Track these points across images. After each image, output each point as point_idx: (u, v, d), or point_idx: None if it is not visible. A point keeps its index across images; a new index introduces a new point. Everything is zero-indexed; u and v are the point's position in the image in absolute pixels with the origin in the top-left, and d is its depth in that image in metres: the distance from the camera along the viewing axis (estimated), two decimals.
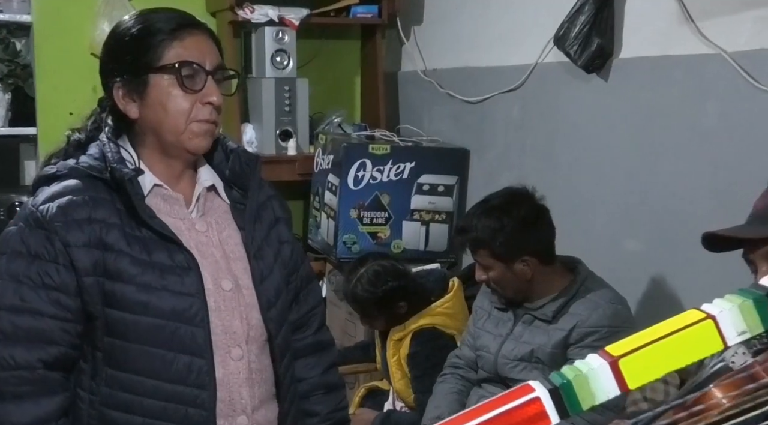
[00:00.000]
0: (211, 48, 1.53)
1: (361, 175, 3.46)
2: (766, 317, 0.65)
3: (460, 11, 3.65)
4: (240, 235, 1.60)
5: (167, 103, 1.49)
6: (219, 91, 1.52)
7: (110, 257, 1.47)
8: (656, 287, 2.66)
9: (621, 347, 0.70)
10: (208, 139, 1.54)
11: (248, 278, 1.58)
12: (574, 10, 2.83)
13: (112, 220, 1.49)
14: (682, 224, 2.56)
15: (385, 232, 3.51)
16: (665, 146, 2.63)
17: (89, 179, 1.50)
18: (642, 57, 2.71)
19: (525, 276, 2.41)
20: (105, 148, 1.52)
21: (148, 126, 1.53)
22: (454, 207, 3.56)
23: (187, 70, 1.49)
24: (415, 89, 3.96)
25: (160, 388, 1.51)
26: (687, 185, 2.56)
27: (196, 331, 1.51)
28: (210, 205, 1.60)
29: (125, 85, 1.51)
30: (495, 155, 3.44)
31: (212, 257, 1.55)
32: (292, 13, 3.76)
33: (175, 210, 1.56)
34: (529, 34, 3.19)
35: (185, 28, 1.51)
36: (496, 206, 2.45)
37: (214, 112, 1.52)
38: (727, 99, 2.42)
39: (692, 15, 2.50)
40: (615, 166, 2.84)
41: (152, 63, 1.49)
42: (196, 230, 1.56)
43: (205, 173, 1.61)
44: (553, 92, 3.11)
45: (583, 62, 2.83)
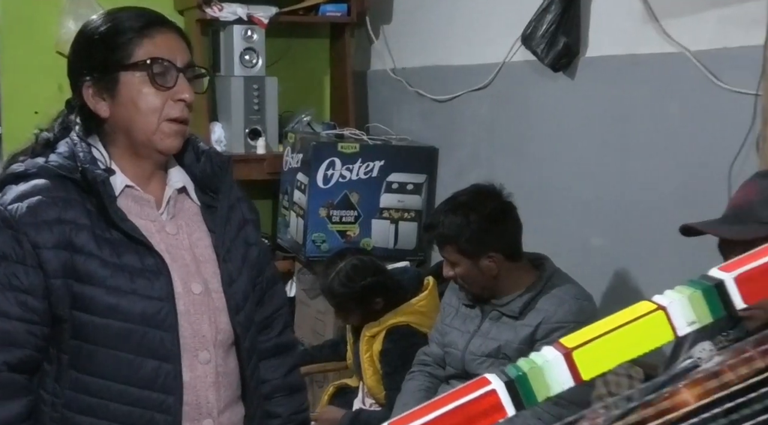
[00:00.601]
0: (181, 46, 1.52)
1: (330, 173, 3.46)
2: (714, 307, 0.66)
3: (428, 10, 3.66)
4: (210, 238, 1.59)
5: (138, 100, 1.48)
6: (191, 89, 1.51)
7: (79, 259, 1.46)
8: (621, 282, 2.69)
9: (575, 339, 0.70)
10: (179, 139, 1.53)
11: (217, 282, 1.57)
12: (541, 9, 2.85)
13: (81, 221, 1.47)
14: (646, 220, 2.59)
15: (354, 230, 3.51)
16: (630, 143, 2.66)
17: (59, 178, 1.48)
18: (608, 56, 2.74)
19: (491, 272, 2.43)
20: (76, 147, 1.50)
21: (120, 125, 1.51)
22: (423, 205, 3.57)
23: (159, 67, 1.48)
24: (384, 88, 3.97)
25: (127, 392, 1.49)
26: (651, 181, 2.58)
27: (164, 336, 1.50)
28: (180, 206, 1.59)
29: (95, 84, 1.50)
30: (464, 154, 3.45)
31: (182, 261, 1.54)
32: (261, 12, 3.74)
33: (145, 212, 1.54)
34: (497, 33, 3.21)
35: (154, 25, 1.51)
36: (463, 202, 2.47)
37: (185, 109, 1.51)
38: (690, 97, 2.44)
39: (657, 14, 2.52)
40: (582, 163, 2.86)
41: (123, 61, 1.48)
42: (167, 233, 1.55)
43: (175, 175, 1.59)
44: (520, 91, 3.12)
45: (550, 61, 2.85)
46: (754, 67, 2.13)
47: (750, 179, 1.60)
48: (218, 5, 3.70)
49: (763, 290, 0.64)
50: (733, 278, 0.65)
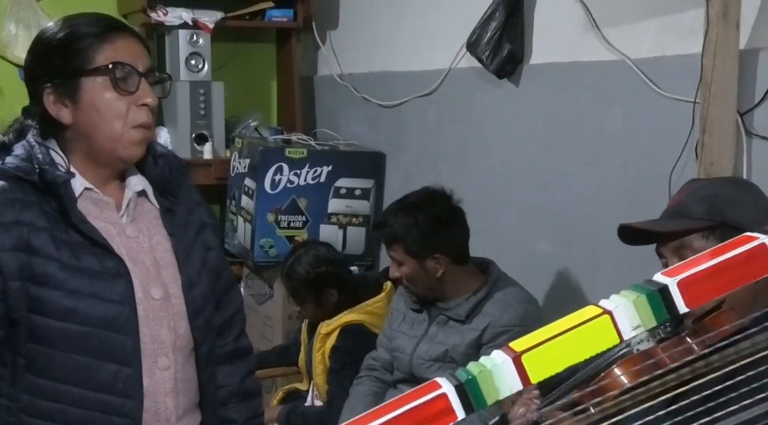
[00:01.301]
0: (142, 51, 1.51)
1: (278, 179, 3.45)
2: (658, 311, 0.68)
3: (374, 16, 3.67)
4: (170, 241, 1.57)
5: (101, 106, 1.46)
6: (153, 93, 1.50)
7: (37, 262, 1.43)
8: (565, 286, 2.72)
9: (523, 343, 0.72)
10: (143, 147, 1.52)
11: (177, 286, 1.56)
12: (485, 17, 2.86)
13: (39, 223, 1.44)
14: (589, 225, 2.62)
15: (302, 235, 3.51)
16: (573, 149, 2.69)
17: (15, 180, 1.46)
18: (551, 63, 2.77)
19: (436, 274, 2.45)
20: (33, 150, 1.48)
21: (82, 131, 1.49)
22: (371, 210, 3.58)
23: (121, 72, 1.46)
24: (331, 93, 3.97)
25: (86, 397, 1.47)
26: (593, 187, 2.62)
27: (124, 340, 1.48)
28: (140, 209, 1.57)
29: (56, 90, 1.48)
30: (410, 159, 3.46)
31: (143, 264, 1.53)
32: (207, 16, 3.72)
33: (105, 214, 1.52)
34: (442, 40, 3.23)
35: (113, 30, 1.49)
36: (413, 203, 2.51)
37: (149, 114, 1.50)
38: (630, 104, 2.48)
39: (598, 23, 2.56)
40: (525, 169, 2.89)
41: (83, 66, 1.46)
42: (127, 236, 1.53)
43: (134, 178, 1.57)
44: (466, 97, 3.15)
45: (494, 68, 2.86)
46: (692, 76, 2.18)
47: (683, 186, 1.66)
48: (163, 9, 3.67)
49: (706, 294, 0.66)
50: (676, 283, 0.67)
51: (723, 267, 0.66)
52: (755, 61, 2.11)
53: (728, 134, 2.11)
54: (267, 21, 3.91)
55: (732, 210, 1.51)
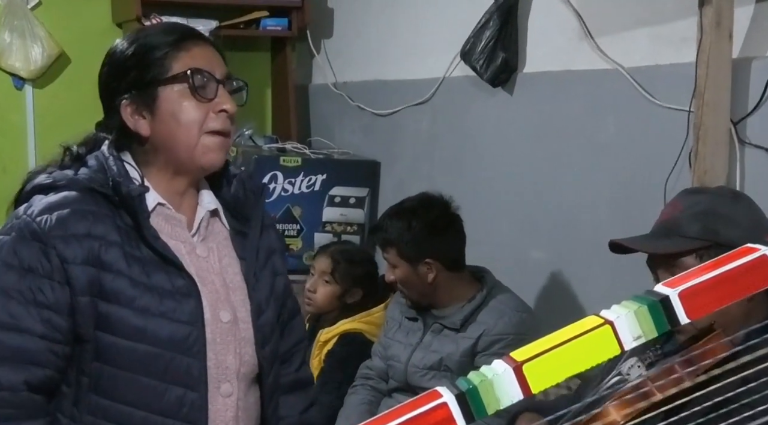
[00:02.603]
0: (217, 58, 1.48)
1: (273, 187, 3.46)
2: (659, 322, 0.68)
3: (369, 25, 3.67)
4: (239, 264, 1.53)
5: (180, 114, 1.43)
6: (232, 100, 1.47)
7: (107, 277, 1.39)
8: (559, 294, 2.72)
9: (524, 352, 0.71)
10: (222, 153, 1.47)
11: (246, 311, 1.51)
12: (479, 25, 2.87)
13: (111, 237, 1.41)
14: (582, 233, 2.62)
15: (297, 244, 3.51)
16: (567, 157, 2.69)
17: (89, 191, 1.42)
18: (544, 72, 2.77)
19: (427, 279, 2.46)
20: (108, 161, 1.44)
21: (160, 142, 1.45)
22: (366, 219, 3.58)
23: (199, 79, 1.43)
24: (325, 102, 3.96)
25: (149, 420, 1.43)
26: (587, 195, 2.62)
27: (192, 363, 1.43)
28: (211, 229, 1.53)
29: (133, 101, 1.45)
30: (405, 167, 3.46)
31: (212, 285, 1.48)
32: (201, 25, 3.70)
33: (177, 232, 1.48)
34: (437, 48, 3.23)
35: (189, 38, 1.46)
36: (409, 208, 2.52)
37: (227, 121, 1.46)
38: (624, 113, 2.49)
39: (591, 32, 2.56)
40: (519, 177, 2.89)
41: (160, 75, 1.43)
42: (197, 255, 1.49)
43: (207, 197, 1.53)
44: (460, 105, 3.15)
45: (488, 76, 2.87)
46: (686, 84, 2.18)
47: (676, 196, 1.64)
48: (157, 18, 3.66)
49: (706, 305, 0.66)
50: (677, 293, 0.67)
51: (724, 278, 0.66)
52: (748, 70, 2.12)
53: (722, 142, 2.11)
54: (262, 30, 3.92)
55: (726, 230, 1.50)
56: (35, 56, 3.75)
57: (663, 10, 2.34)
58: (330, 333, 2.87)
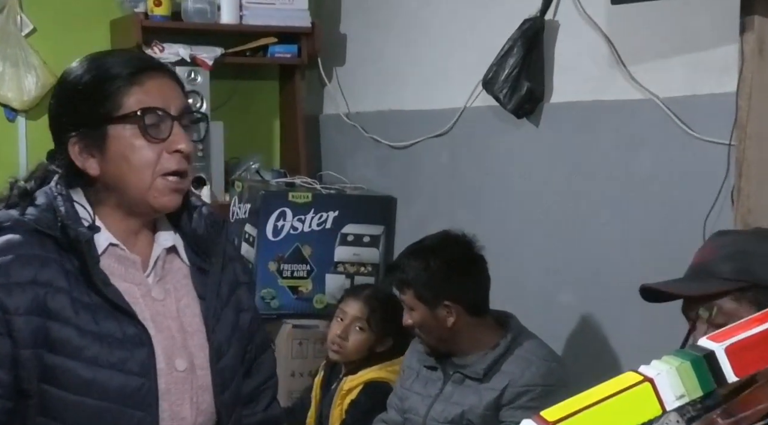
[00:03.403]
0: (175, 90, 1.48)
1: (281, 225, 3.45)
2: (704, 380, 0.67)
3: (384, 52, 3.68)
4: (199, 304, 1.53)
5: (131, 155, 1.43)
6: (188, 138, 1.47)
7: (54, 327, 1.39)
8: (589, 342, 2.70)
9: (556, 412, 0.70)
10: (176, 195, 1.47)
11: (204, 356, 1.51)
12: (502, 53, 2.87)
13: (58, 283, 1.40)
14: (616, 276, 2.60)
15: (306, 286, 3.50)
16: (598, 194, 2.69)
17: (35, 234, 1.42)
18: (573, 102, 2.77)
19: (446, 323, 2.44)
20: (57, 201, 1.44)
21: (110, 183, 1.46)
22: (381, 259, 3.56)
23: (151, 118, 1.43)
24: (337, 133, 3.97)
25: None
26: (620, 235, 2.60)
27: (143, 417, 1.44)
28: (169, 267, 1.53)
29: (82, 140, 1.45)
30: (423, 204, 3.46)
31: (167, 331, 1.48)
32: (205, 53, 3.73)
33: (130, 274, 1.48)
34: (457, 77, 3.23)
35: (144, 71, 1.46)
36: (428, 246, 2.52)
37: (183, 161, 1.46)
38: (659, 146, 2.48)
39: (624, 59, 2.56)
40: (546, 215, 2.88)
41: (111, 113, 1.43)
42: (152, 298, 1.49)
43: (164, 233, 1.54)
44: (482, 138, 3.15)
45: (512, 107, 2.86)
46: (726, 116, 2.18)
47: (708, 239, 1.65)
48: (159, 46, 3.69)
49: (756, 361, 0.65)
50: (723, 348, 0.66)
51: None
52: None
53: (767, 178, 2.10)
54: (269, 57, 3.92)
55: (761, 268, 1.50)
56: (29, 86, 3.76)
57: (701, 36, 2.34)
58: (355, 381, 2.86)
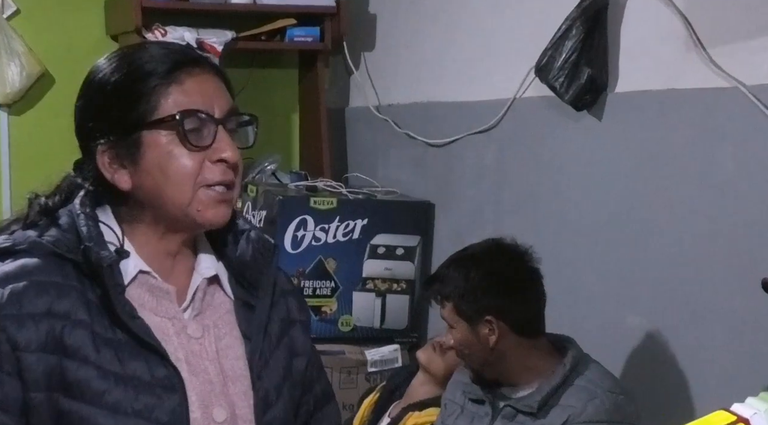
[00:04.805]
0: (219, 89, 1.47)
1: (301, 235, 3.47)
2: None
3: (421, 35, 3.69)
4: (243, 346, 1.51)
5: (168, 166, 1.42)
6: (234, 144, 1.45)
7: (71, 366, 1.38)
8: (664, 373, 2.68)
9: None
10: (224, 208, 1.46)
11: (248, 407, 1.49)
12: (558, 35, 2.87)
13: (78, 315, 1.40)
14: (692, 293, 2.59)
15: (331, 305, 3.52)
16: (672, 197, 2.67)
17: (55, 258, 1.42)
18: (642, 91, 2.75)
19: (489, 343, 2.44)
20: (78, 220, 1.44)
21: (145, 198, 1.45)
22: (417, 274, 3.58)
23: (192, 123, 1.42)
24: (366, 129, 3.99)
25: None
26: (699, 244, 2.58)
27: None
28: (209, 301, 1.52)
29: (112, 148, 1.44)
30: (465, 210, 3.46)
31: (205, 375, 1.47)
32: (214, 37, 3.77)
33: (163, 306, 1.47)
34: (505, 64, 3.23)
35: (184, 66, 1.44)
36: (471, 255, 2.54)
37: (229, 171, 1.45)
38: (746, 141, 2.46)
39: (703, 41, 2.54)
40: (611, 222, 2.86)
41: (145, 117, 1.42)
42: (188, 336, 1.48)
43: (206, 260, 1.52)
44: (535, 133, 3.14)
45: (570, 97, 2.87)
46: None
47: None
48: (160, 29, 3.72)
49: None
50: None
51: None
52: None
53: None
54: (288, 42, 3.95)
55: None
56: (12, 77, 3.81)
57: None
58: (421, 419, 2.84)
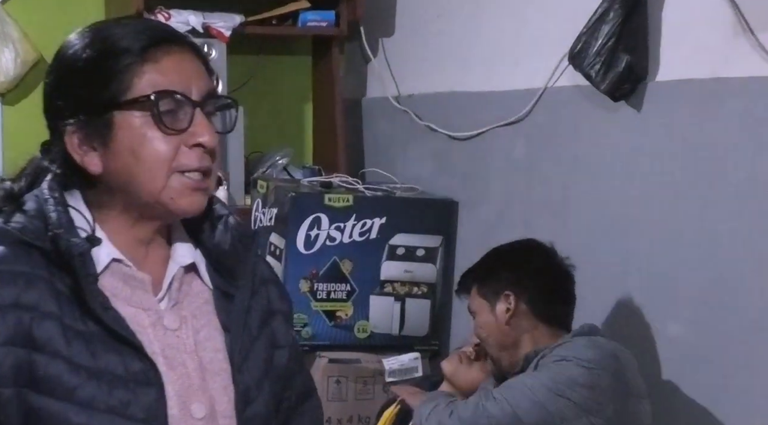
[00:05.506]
0: (198, 69, 1.48)
1: (315, 234, 3.46)
2: None
3: (444, 19, 3.68)
4: (223, 337, 1.52)
5: (140, 149, 1.43)
6: (212, 128, 1.46)
7: (40, 360, 1.38)
8: (708, 387, 2.67)
9: None
10: (200, 196, 1.46)
11: (228, 402, 1.50)
12: (594, 18, 2.86)
13: (47, 307, 1.40)
14: (743, 302, 2.58)
15: (346, 310, 3.51)
16: (719, 196, 2.66)
17: (21, 246, 1.42)
18: (685, 80, 2.75)
19: (504, 318, 2.57)
20: (47, 205, 1.44)
21: (115, 183, 1.45)
22: (439, 277, 3.58)
23: (167, 103, 1.43)
24: (384, 121, 3.99)
25: None
26: (751, 248, 2.57)
27: None
28: (187, 290, 1.52)
29: (82, 129, 1.44)
30: (491, 209, 3.45)
31: (182, 369, 1.47)
32: (222, 21, 3.76)
33: (137, 296, 1.48)
34: (535, 50, 3.23)
35: (160, 44, 1.44)
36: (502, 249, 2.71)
37: (205, 157, 1.45)
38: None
39: (752, 26, 2.53)
40: (651, 222, 2.85)
41: (118, 96, 1.43)
42: (164, 327, 1.48)
43: (182, 247, 1.53)
44: (567, 126, 3.14)
45: (607, 86, 2.87)
46: None
47: None
48: (164, 13, 3.73)
49: None
50: None
51: None
52: None
53: None
54: (300, 27, 3.94)
55: None
56: (5, 63, 3.80)
57: None
58: None
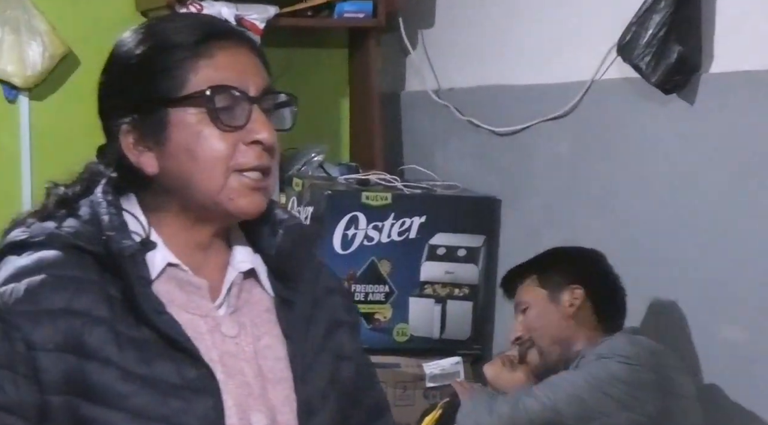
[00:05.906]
0: (255, 65, 1.48)
1: (352, 234, 3.47)
2: None
3: (486, 10, 3.67)
4: (284, 346, 1.52)
5: (196, 148, 1.43)
6: (270, 125, 1.45)
7: (91, 368, 1.39)
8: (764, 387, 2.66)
9: None
10: (259, 196, 1.46)
11: (290, 412, 1.49)
12: (645, 8, 2.87)
13: (99, 312, 1.40)
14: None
15: (384, 313, 3.52)
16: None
17: (74, 251, 1.43)
18: (741, 72, 2.75)
19: (568, 311, 2.65)
20: (99, 208, 1.45)
21: (171, 183, 1.47)
22: (481, 278, 3.58)
23: (223, 99, 1.43)
24: (424, 116, 3.98)
25: None
26: None
27: None
28: (246, 298, 1.52)
29: (137, 128, 1.46)
30: (536, 207, 3.46)
31: (241, 377, 1.47)
32: (255, 13, 3.75)
33: (194, 302, 1.48)
34: (582, 41, 3.23)
35: (215, 38, 1.45)
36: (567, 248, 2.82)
37: (265, 155, 1.45)
38: None
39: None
40: (705, 223, 2.85)
41: (172, 92, 1.44)
42: (222, 335, 1.48)
43: (241, 253, 1.53)
44: (616, 120, 3.14)
45: (658, 79, 2.86)
46: None
47: None
48: (196, 4, 3.73)
49: None
50: None
51: None
52: None
53: None
54: (337, 18, 3.94)
55: None
56: (33, 57, 3.80)
57: None
58: None
